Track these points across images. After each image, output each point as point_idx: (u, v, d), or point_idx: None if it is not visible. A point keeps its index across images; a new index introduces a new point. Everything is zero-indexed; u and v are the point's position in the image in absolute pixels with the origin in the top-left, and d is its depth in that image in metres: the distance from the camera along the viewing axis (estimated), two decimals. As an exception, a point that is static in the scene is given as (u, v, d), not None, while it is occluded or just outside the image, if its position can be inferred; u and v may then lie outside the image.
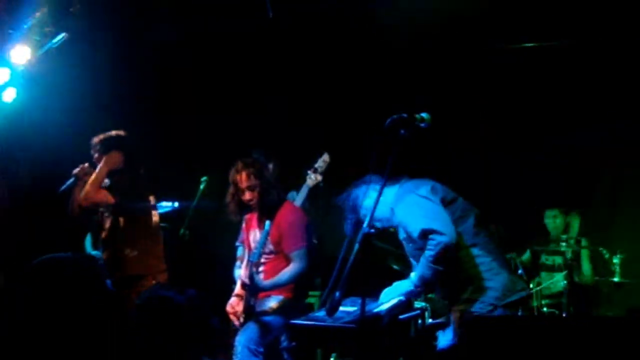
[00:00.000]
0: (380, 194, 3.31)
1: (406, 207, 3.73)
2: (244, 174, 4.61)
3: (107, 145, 4.88)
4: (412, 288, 3.69)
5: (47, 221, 5.91)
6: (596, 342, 2.51)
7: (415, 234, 3.68)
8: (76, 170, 4.88)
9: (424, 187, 3.76)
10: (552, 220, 6.19)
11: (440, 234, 3.56)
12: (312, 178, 5.46)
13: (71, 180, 4.91)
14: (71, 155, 5.17)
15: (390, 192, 3.81)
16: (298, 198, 5.38)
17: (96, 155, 4.90)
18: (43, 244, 5.19)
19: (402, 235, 3.87)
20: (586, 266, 5.99)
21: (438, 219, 3.61)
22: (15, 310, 2.96)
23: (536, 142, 6.70)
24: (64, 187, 4.93)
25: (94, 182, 4.76)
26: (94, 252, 5.61)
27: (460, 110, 6.60)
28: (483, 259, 3.70)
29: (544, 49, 6.53)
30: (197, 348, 2.83)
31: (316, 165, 5.49)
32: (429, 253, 3.59)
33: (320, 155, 5.56)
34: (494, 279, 3.67)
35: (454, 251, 3.61)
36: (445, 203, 3.73)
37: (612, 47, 6.27)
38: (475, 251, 3.70)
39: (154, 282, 4.83)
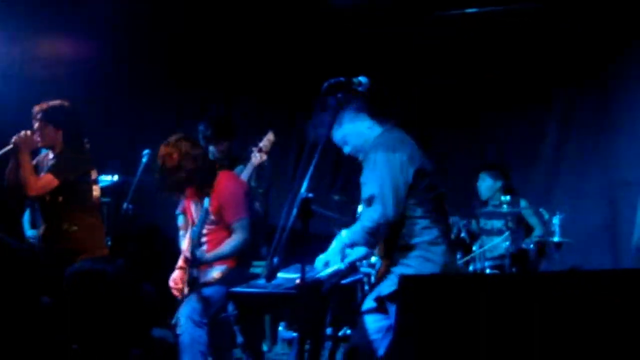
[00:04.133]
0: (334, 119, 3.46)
1: (371, 162, 3.60)
2: (165, 156, 4.59)
3: (48, 116, 4.75)
4: (343, 248, 3.63)
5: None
6: (540, 300, 2.53)
7: (363, 194, 3.63)
8: (15, 138, 4.65)
9: (401, 152, 3.57)
10: (482, 182, 6.30)
11: (384, 210, 3.46)
12: (257, 157, 5.43)
13: (9, 147, 4.66)
14: (8, 129, 5.01)
15: (373, 132, 3.75)
16: (243, 175, 5.35)
17: (37, 124, 4.76)
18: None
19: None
20: (533, 221, 6.09)
21: (390, 194, 3.48)
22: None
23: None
24: (0, 152, 4.70)
25: (26, 169, 4.61)
26: (30, 232, 5.52)
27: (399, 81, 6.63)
28: (430, 231, 3.59)
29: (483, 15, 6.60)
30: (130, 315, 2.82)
31: (261, 144, 5.46)
32: (365, 224, 3.52)
33: (265, 134, 5.53)
34: (435, 251, 3.59)
35: (390, 227, 3.53)
36: (421, 174, 3.57)
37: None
38: (425, 222, 3.58)
39: (93, 257, 4.78)
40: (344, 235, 3.59)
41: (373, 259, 4.66)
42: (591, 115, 6.60)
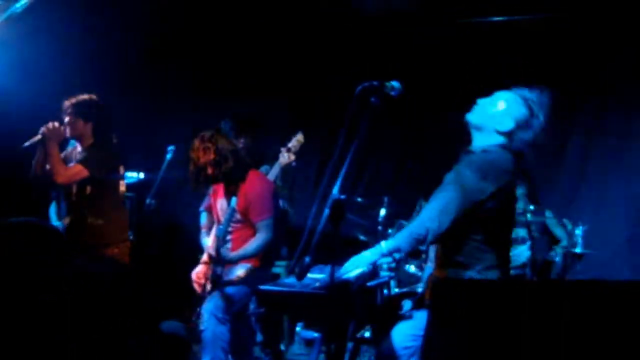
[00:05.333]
0: None
1: (457, 174, 3.47)
2: (200, 150, 4.61)
3: (78, 109, 4.80)
4: (378, 257, 3.48)
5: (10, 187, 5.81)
6: (566, 307, 2.54)
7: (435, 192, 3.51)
8: (43, 129, 4.73)
9: (489, 183, 3.39)
10: None
11: (440, 226, 3.32)
12: (285, 157, 5.47)
13: (37, 137, 4.75)
14: (36, 124, 5.07)
15: (494, 138, 3.56)
16: (270, 175, 5.38)
17: (67, 118, 4.81)
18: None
19: None
20: (559, 232, 6.07)
21: (452, 216, 3.33)
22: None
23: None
24: (28, 143, 4.77)
25: (54, 158, 4.66)
26: (57, 223, 5.56)
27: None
28: (488, 256, 3.46)
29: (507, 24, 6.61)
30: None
31: (290, 145, 5.50)
32: (415, 230, 3.40)
33: (295, 135, 5.56)
34: (488, 277, 3.42)
35: (449, 241, 3.46)
36: (506, 192, 3.44)
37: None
38: (484, 246, 3.46)
39: (116, 250, 4.83)
40: (384, 245, 3.51)
41: (412, 269, 4.68)
42: (615, 127, 6.57)
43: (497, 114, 3.57)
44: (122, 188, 5.03)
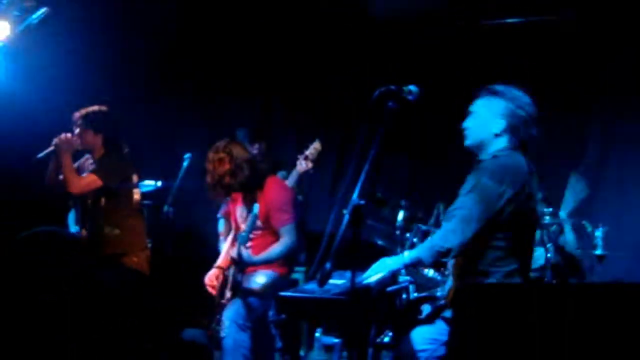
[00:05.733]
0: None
1: (473, 183, 3.43)
2: (216, 162, 4.62)
3: (88, 121, 4.84)
4: (400, 267, 3.54)
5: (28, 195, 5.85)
6: (587, 310, 2.53)
7: (452, 206, 3.47)
8: (56, 140, 4.77)
9: (506, 186, 3.35)
10: None
11: (463, 238, 3.31)
12: (303, 165, 5.47)
13: (50, 149, 4.81)
14: (52, 132, 5.10)
15: (497, 143, 3.54)
16: (287, 183, 5.38)
17: (77, 130, 4.85)
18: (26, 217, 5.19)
19: None
20: (570, 237, 6.05)
21: (474, 225, 3.32)
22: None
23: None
24: (42, 154, 4.83)
25: (67, 168, 4.70)
26: (74, 229, 5.59)
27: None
28: (508, 261, 3.43)
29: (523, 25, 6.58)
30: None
31: (307, 152, 5.49)
32: (439, 243, 3.37)
33: (312, 143, 5.56)
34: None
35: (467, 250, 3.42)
36: (515, 202, 3.37)
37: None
38: (504, 253, 3.42)
39: (135, 259, 4.84)
40: (406, 255, 3.49)
41: (431, 273, 4.66)
42: (633, 128, 6.53)
43: (484, 122, 3.55)
44: (137, 197, 5.04)
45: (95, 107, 4.91)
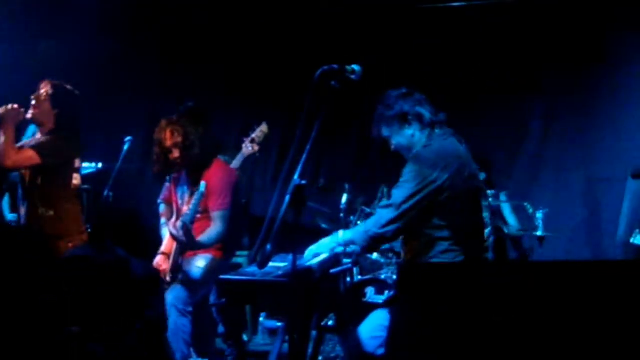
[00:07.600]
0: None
1: (407, 172, 3.44)
2: (167, 132, 4.50)
3: (50, 93, 4.62)
4: (334, 246, 3.51)
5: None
6: (528, 287, 2.53)
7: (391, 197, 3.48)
8: (1, 110, 4.46)
9: (439, 172, 3.37)
10: None
11: (397, 226, 3.34)
12: (249, 148, 5.38)
13: None
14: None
15: (422, 135, 3.56)
16: (232, 165, 5.30)
17: (34, 100, 4.60)
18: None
19: None
20: (511, 219, 6.14)
21: (409, 214, 3.35)
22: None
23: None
24: None
25: (6, 140, 4.47)
26: (10, 216, 5.42)
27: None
28: (451, 255, 3.42)
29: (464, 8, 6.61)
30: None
31: (254, 135, 5.41)
32: (373, 229, 3.39)
33: (258, 125, 5.48)
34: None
35: (409, 241, 3.48)
36: (455, 192, 3.38)
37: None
38: (446, 245, 3.42)
39: (70, 245, 4.67)
40: (341, 235, 3.49)
41: (375, 255, 4.66)
42: (573, 112, 6.64)
43: (391, 126, 3.61)
44: (76, 182, 4.84)
45: (60, 82, 4.71)
